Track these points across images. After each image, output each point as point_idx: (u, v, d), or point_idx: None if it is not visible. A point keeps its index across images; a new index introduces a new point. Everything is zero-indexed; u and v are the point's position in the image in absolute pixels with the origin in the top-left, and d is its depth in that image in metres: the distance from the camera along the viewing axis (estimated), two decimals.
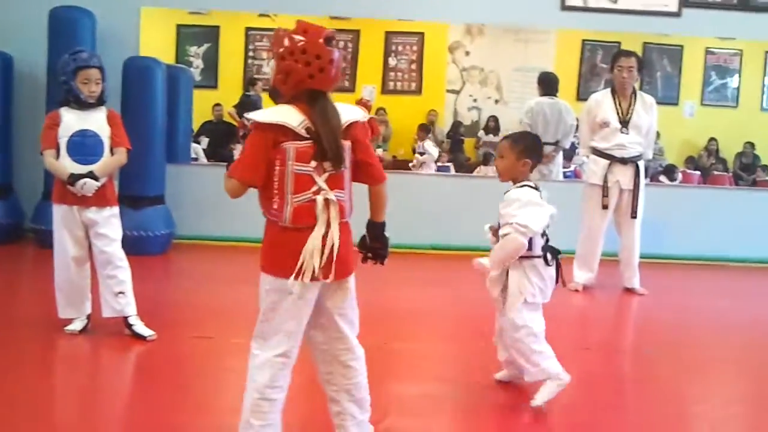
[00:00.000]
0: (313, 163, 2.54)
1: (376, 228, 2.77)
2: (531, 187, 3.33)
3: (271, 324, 2.62)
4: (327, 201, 2.54)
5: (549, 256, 3.36)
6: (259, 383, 2.62)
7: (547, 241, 3.38)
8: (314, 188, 2.54)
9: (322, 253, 2.53)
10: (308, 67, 2.55)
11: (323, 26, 2.64)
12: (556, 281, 3.43)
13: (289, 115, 2.55)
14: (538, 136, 3.75)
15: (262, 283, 2.66)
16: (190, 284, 5.77)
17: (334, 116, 2.57)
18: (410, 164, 7.91)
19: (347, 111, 2.65)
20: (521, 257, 3.29)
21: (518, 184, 3.35)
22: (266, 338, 2.64)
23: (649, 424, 3.39)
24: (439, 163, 8.10)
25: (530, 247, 3.28)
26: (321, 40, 2.57)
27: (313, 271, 2.52)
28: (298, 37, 2.57)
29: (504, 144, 3.44)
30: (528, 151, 3.37)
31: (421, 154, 7.96)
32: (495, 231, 3.39)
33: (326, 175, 2.55)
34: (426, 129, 8.18)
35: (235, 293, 5.38)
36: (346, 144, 2.59)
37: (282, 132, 2.52)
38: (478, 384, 3.77)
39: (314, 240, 2.53)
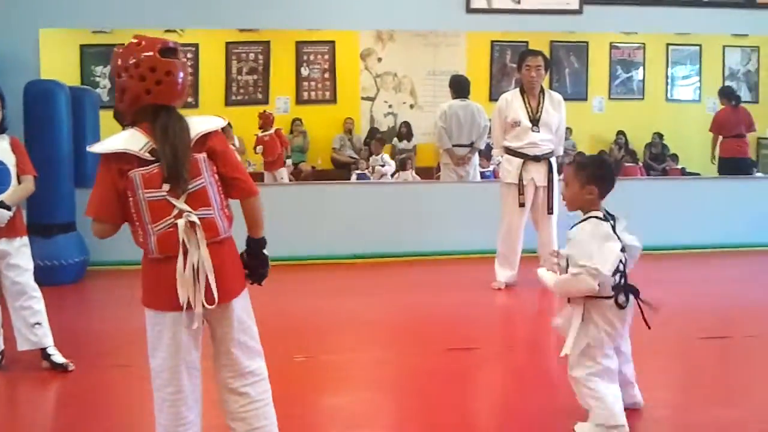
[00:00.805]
0: (166, 186, 2.38)
1: (253, 245, 2.63)
2: (599, 218, 2.95)
3: (157, 360, 2.49)
4: (191, 223, 2.39)
5: (622, 297, 2.95)
6: (164, 425, 2.50)
7: (623, 279, 2.99)
8: (174, 212, 2.39)
9: (196, 279, 2.39)
10: (143, 82, 2.41)
11: (161, 38, 2.51)
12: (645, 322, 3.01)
13: (131, 140, 2.41)
14: (607, 160, 3.27)
15: (146, 317, 2.52)
16: (105, 312, 5.61)
17: (179, 132, 2.41)
18: (371, 176, 7.95)
19: (200, 122, 2.49)
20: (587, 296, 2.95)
21: (584, 216, 2.99)
22: (156, 376, 2.51)
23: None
24: (358, 171, 8.10)
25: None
26: (154, 53, 2.42)
27: (188, 301, 2.39)
28: (130, 52, 2.44)
29: (568, 170, 3.08)
30: (594, 177, 2.97)
31: (382, 165, 7.99)
32: (560, 255, 3.08)
33: (185, 195, 2.40)
34: (382, 141, 8.20)
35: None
36: (200, 157, 2.44)
37: (125, 160, 2.38)
38: (408, 390, 3.76)
39: (179, 268, 2.38)
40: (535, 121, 5.79)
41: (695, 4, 7.78)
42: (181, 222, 2.38)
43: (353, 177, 8.03)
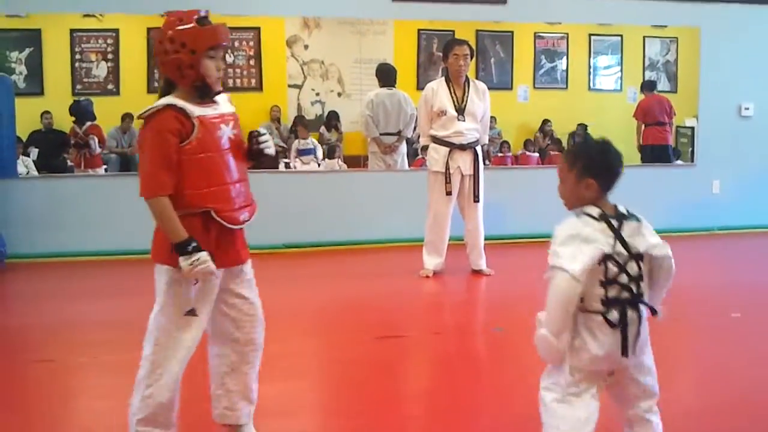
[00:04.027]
0: None
1: None
2: (591, 215, 2.38)
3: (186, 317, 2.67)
4: None
5: (614, 314, 2.31)
6: (164, 384, 2.65)
7: (626, 293, 2.33)
8: None
9: None
10: None
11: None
12: (624, 350, 2.30)
13: None
14: (607, 145, 2.47)
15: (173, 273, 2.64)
16: (25, 305, 5.44)
17: None
18: (295, 162, 7.86)
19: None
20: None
21: (577, 213, 2.43)
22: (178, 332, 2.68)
23: (505, 400, 3.47)
24: (286, 160, 8.02)
25: (582, 298, 2.32)
26: None
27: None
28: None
29: (561, 163, 2.51)
30: (592, 167, 2.40)
31: (307, 152, 7.90)
32: None
33: None
34: (306, 126, 8.11)
35: (74, 311, 5.16)
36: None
37: None
38: (337, 378, 3.75)
39: None
40: (460, 111, 5.83)
41: None
42: None
43: (281, 166, 7.94)
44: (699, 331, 4.49)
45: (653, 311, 2.39)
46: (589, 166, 2.40)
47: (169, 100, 2.54)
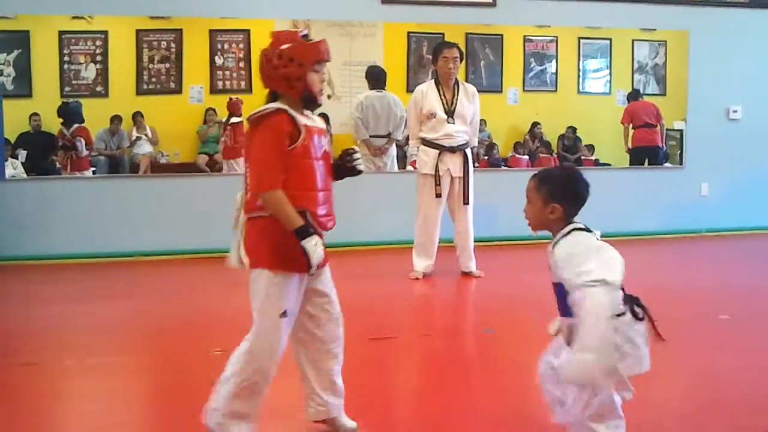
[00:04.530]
0: None
1: None
2: (581, 229, 2.47)
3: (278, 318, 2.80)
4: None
5: (635, 308, 2.33)
6: (258, 380, 2.77)
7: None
8: None
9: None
10: None
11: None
12: (658, 335, 2.38)
13: None
14: (575, 173, 2.57)
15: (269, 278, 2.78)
16: (11, 308, 5.39)
17: None
18: None
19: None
20: None
21: (563, 232, 2.48)
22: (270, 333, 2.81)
23: (496, 401, 3.47)
24: None
25: None
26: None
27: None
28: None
29: (529, 184, 2.56)
30: (558, 194, 2.47)
31: None
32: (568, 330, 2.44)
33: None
34: None
35: (60, 313, 5.13)
36: None
37: None
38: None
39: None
40: (450, 113, 5.83)
41: None
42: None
43: None
44: (688, 332, 4.49)
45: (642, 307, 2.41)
46: (555, 192, 2.46)
47: (279, 104, 2.73)
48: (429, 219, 5.93)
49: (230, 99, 7.75)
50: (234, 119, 7.79)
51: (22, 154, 7.33)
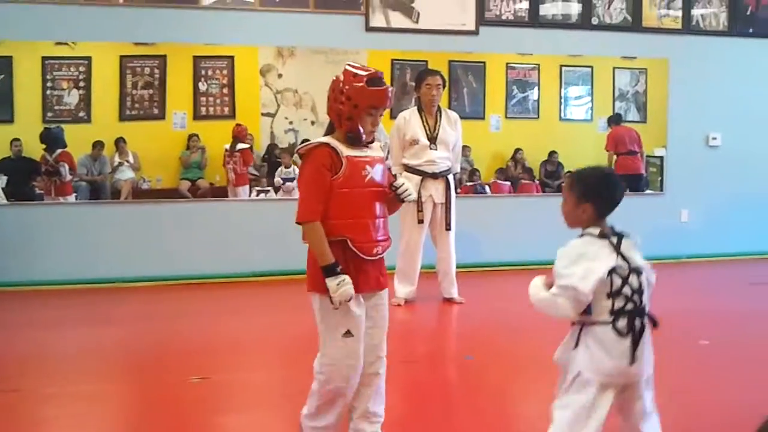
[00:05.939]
0: None
1: None
2: (593, 235, 2.54)
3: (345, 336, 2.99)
4: None
5: (622, 323, 2.46)
6: (336, 391, 3.01)
7: (630, 304, 2.50)
8: None
9: None
10: None
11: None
12: (632, 359, 2.46)
13: None
14: (609, 174, 2.73)
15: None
16: None
17: None
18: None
19: None
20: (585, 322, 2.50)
21: (580, 234, 2.59)
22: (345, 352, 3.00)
23: (476, 428, 3.46)
24: (258, 188, 8.01)
25: (588, 310, 2.47)
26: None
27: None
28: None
29: (565, 182, 2.67)
30: (590, 194, 2.56)
31: (291, 180, 7.92)
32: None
33: None
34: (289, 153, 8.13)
35: (43, 340, 5.09)
36: None
37: None
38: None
39: None
40: (432, 139, 5.87)
41: (586, 27, 8.10)
42: None
43: (253, 194, 7.93)
44: (668, 357, 4.50)
45: (654, 323, 2.56)
46: (587, 191, 2.55)
47: (324, 139, 2.91)
48: (411, 245, 5.95)
49: (237, 125, 7.80)
50: (240, 145, 7.81)
51: (3, 179, 7.30)
